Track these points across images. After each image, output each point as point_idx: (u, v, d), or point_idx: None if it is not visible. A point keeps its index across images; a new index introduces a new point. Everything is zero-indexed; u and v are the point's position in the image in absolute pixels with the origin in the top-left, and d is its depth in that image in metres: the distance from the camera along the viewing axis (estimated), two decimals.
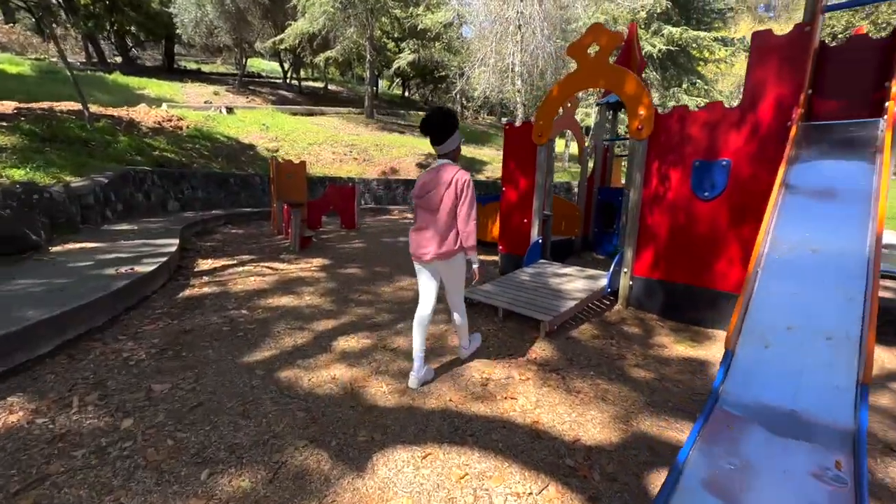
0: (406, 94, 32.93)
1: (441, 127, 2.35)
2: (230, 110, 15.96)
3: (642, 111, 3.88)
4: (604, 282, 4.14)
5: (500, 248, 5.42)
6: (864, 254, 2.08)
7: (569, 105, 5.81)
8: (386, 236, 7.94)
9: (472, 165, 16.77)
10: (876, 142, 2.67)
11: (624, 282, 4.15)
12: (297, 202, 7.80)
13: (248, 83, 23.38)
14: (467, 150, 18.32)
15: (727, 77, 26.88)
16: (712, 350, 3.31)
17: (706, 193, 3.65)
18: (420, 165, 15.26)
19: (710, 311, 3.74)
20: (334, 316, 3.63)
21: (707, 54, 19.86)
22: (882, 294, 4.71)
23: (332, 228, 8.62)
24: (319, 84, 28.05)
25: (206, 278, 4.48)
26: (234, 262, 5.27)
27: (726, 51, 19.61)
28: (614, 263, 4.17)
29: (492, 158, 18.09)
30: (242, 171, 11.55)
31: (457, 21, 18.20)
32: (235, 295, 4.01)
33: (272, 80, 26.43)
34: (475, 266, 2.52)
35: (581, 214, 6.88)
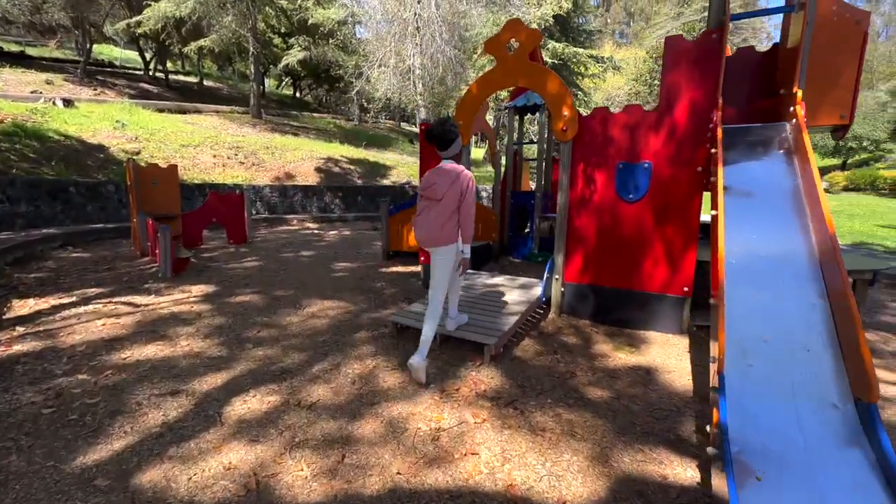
0: (298, 94, 30.66)
1: (442, 136, 2.70)
2: (69, 103, 12.90)
3: (566, 112, 3.75)
4: (538, 291, 3.93)
5: (422, 259, 4.95)
6: (812, 256, 2.05)
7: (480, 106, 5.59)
8: (286, 251, 6.92)
9: (377, 170, 16.07)
10: (785, 143, 2.80)
11: (556, 289, 3.99)
12: (168, 214, 6.37)
13: (95, 72, 19.38)
14: (370, 154, 17.55)
15: (600, 91, 30.28)
16: (651, 354, 3.25)
17: (630, 196, 3.63)
18: (320, 170, 14.09)
19: (640, 313, 3.75)
20: (224, 366, 2.78)
21: (583, 69, 22.06)
22: None
23: (218, 244, 7.27)
24: (193, 79, 24.56)
25: (21, 328, 3.20)
26: (73, 299, 3.93)
27: (599, 67, 22.03)
28: (547, 270, 3.98)
29: (395, 162, 17.58)
30: (89, 177, 9.28)
31: (351, 20, 17.35)
32: (70, 350, 2.87)
33: (130, 72, 22.36)
34: (466, 256, 2.83)
35: (497, 219, 6.76)
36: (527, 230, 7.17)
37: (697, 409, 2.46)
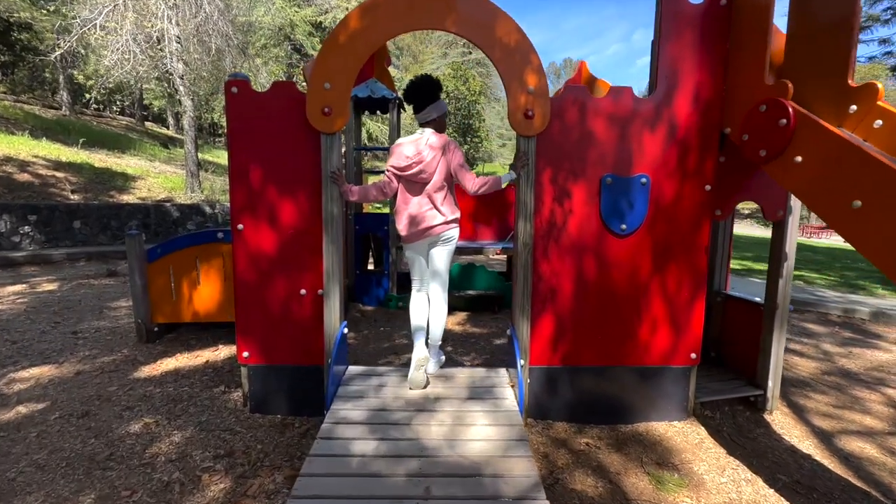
0: None
1: (423, 92, 2.29)
2: None
3: (532, 83, 2.19)
4: (508, 399, 2.18)
5: (244, 354, 2.45)
6: None
7: (367, 57, 3.48)
8: None
9: (109, 181, 10.81)
10: None
11: (523, 381, 2.35)
12: None
13: None
14: (96, 158, 11.81)
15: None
16: (709, 483, 2.00)
17: (623, 226, 2.36)
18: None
19: (634, 397, 2.52)
20: None
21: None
22: None
23: None
24: None
25: None
26: None
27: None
28: (518, 359, 2.29)
29: (143, 171, 12.41)
30: None
31: None
32: None
33: None
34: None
35: (343, 253, 4.64)
36: (382, 266, 5.30)
37: None
